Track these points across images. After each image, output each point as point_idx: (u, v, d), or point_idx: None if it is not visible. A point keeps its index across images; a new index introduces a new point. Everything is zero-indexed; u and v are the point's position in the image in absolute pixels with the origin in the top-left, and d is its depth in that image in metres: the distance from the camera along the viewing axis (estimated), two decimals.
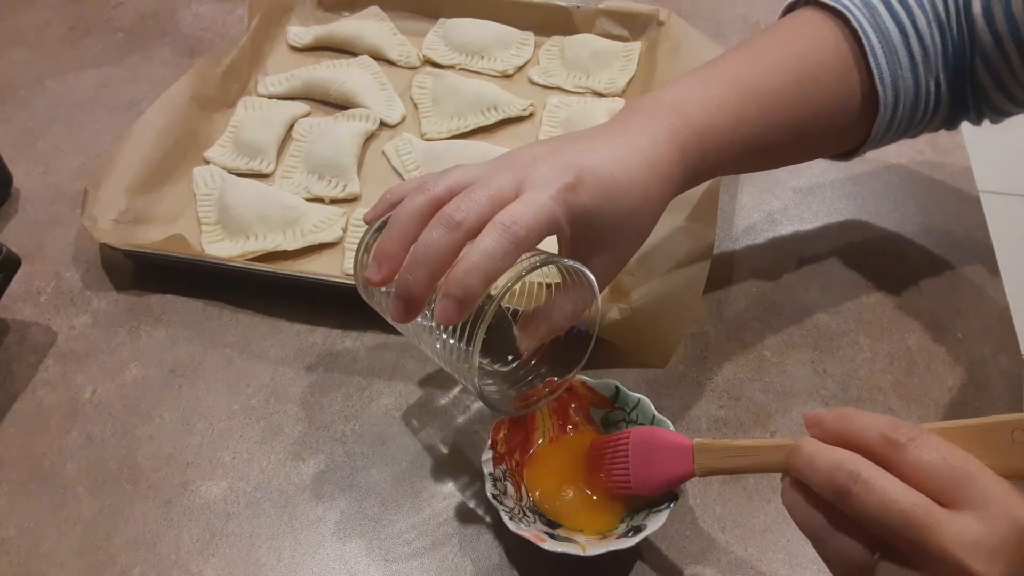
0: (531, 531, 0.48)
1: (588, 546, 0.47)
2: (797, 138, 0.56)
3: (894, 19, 0.55)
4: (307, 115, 0.79)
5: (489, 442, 0.51)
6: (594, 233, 0.46)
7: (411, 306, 0.44)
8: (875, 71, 0.54)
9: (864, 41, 0.54)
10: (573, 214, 0.44)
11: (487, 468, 0.50)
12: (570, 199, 0.44)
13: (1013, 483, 0.34)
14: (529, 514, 0.50)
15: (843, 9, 0.55)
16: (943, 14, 0.55)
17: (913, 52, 0.55)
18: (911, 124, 0.58)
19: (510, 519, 0.48)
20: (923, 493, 0.33)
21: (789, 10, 0.60)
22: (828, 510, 0.36)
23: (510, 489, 0.51)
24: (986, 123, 0.60)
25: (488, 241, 0.41)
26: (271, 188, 0.72)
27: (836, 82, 0.55)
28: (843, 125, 0.57)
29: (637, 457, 0.49)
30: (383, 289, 0.49)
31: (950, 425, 0.36)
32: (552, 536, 0.48)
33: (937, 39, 0.55)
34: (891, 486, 0.34)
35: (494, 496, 0.49)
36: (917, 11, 0.55)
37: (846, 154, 0.61)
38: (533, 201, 0.43)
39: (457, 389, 0.60)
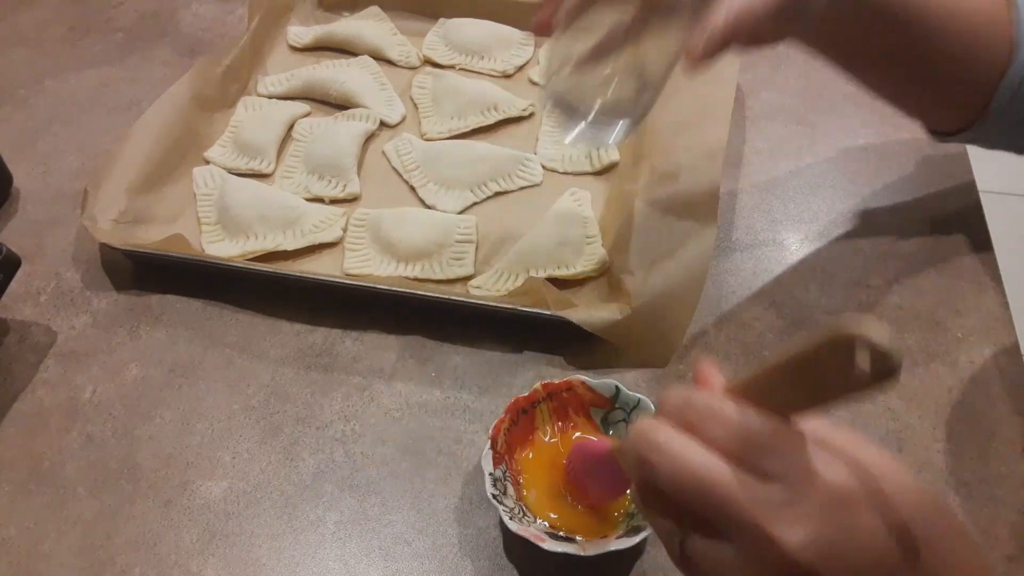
0: (531, 531, 0.48)
1: (588, 546, 0.47)
2: (924, 51, 0.54)
3: None
4: (307, 115, 0.79)
5: (489, 442, 0.51)
6: None
7: None
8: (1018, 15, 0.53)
9: None
10: None
11: (487, 468, 0.50)
12: None
13: (821, 441, 0.32)
14: (529, 514, 0.50)
15: None
16: None
17: None
18: None
19: (510, 519, 0.48)
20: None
21: None
22: (644, 486, 0.35)
23: (510, 489, 0.51)
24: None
25: None
26: (271, 188, 0.72)
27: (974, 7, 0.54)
28: (972, 55, 0.55)
29: (582, 470, 0.49)
30: None
31: (753, 376, 0.33)
32: (552, 536, 0.48)
33: None
34: (689, 454, 0.32)
35: (494, 496, 0.49)
36: None
37: (953, 133, 0.59)
38: None
39: (457, 389, 0.60)
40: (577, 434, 0.54)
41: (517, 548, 0.51)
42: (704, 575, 0.33)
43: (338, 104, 0.80)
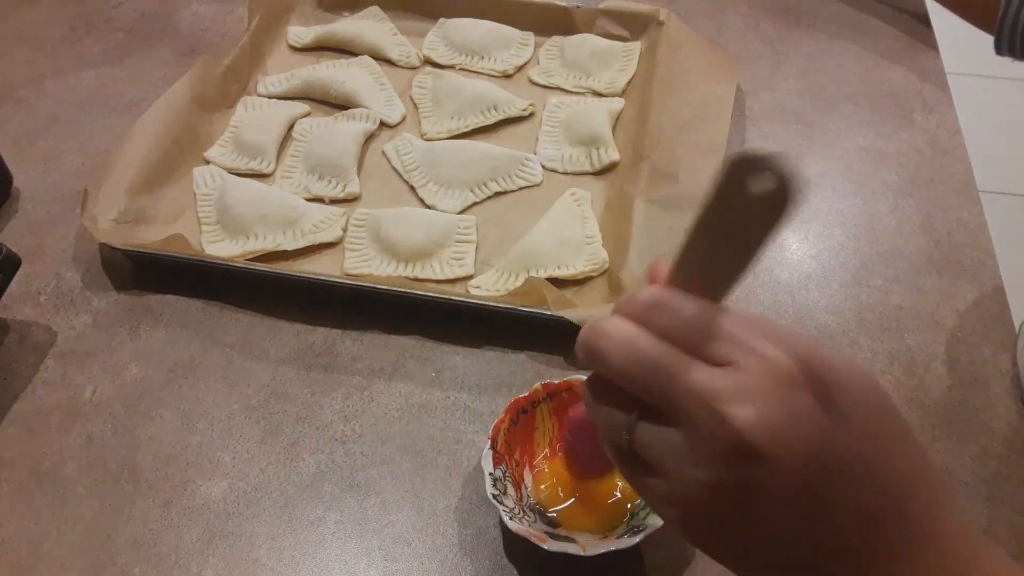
0: (531, 531, 0.48)
1: (588, 546, 0.47)
2: None
3: None
4: (307, 115, 0.79)
5: (489, 442, 0.51)
6: None
7: None
8: None
9: None
10: None
11: (487, 468, 0.50)
12: None
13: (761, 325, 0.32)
14: (529, 514, 0.50)
15: None
16: None
17: None
18: None
19: (510, 519, 0.48)
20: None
21: None
22: (594, 382, 0.35)
23: (510, 489, 0.51)
24: (985, 122, 0.60)
25: None
26: (271, 188, 0.72)
27: None
28: None
29: (574, 438, 0.48)
30: None
31: (682, 253, 0.32)
32: (552, 536, 0.48)
33: None
34: (638, 339, 0.32)
35: (494, 496, 0.49)
36: None
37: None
38: None
39: (457, 389, 0.60)
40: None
41: (517, 548, 0.51)
42: (651, 466, 0.33)
43: (338, 104, 0.80)
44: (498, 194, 0.72)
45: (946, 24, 0.81)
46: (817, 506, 0.31)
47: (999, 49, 0.75)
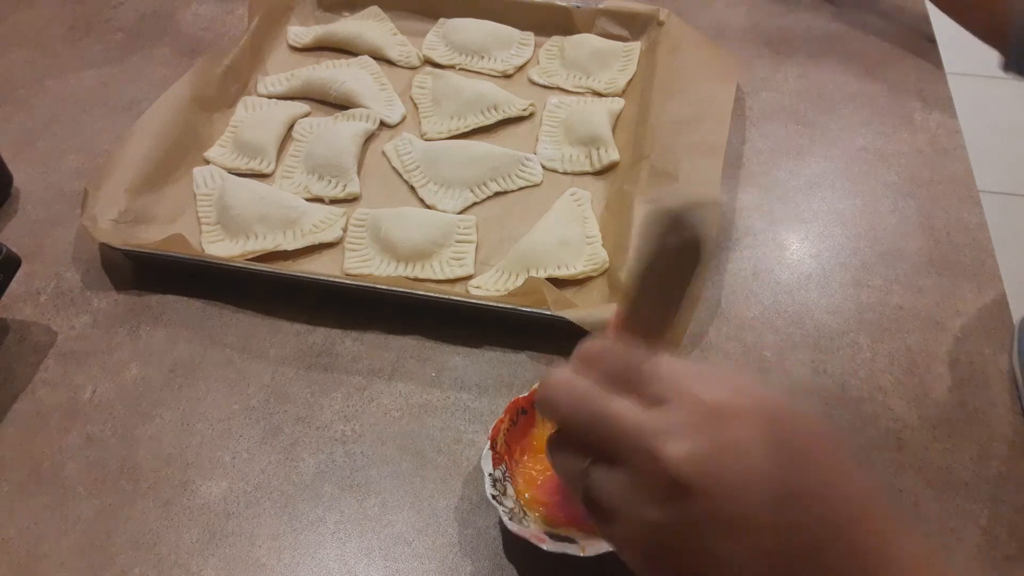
0: (531, 531, 0.48)
1: (587, 546, 0.47)
2: None
3: None
4: (307, 115, 0.79)
5: (488, 442, 0.51)
6: None
7: None
8: None
9: None
10: None
11: (487, 468, 0.50)
12: None
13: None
14: (529, 514, 0.50)
15: None
16: None
17: None
18: None
19: (510, 519, 0.48)
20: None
21: None
22: (552, 436, 0.37)
23: (510, 489, 0.51)
24: (985, 122, 0.60)
25: None
26: (271, 188, 0.72)
27: None
28: None
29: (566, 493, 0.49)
30: None
31: (627, 298, 0.35)
32: (551, 536, 0.48)
33: None
34: (581, 389, 0.34)
35: (494, 496, 0.49)
36: None
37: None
38: None
39: (457, 389, 0.60)
40: None
41: (517, 548, 0.51)
42: (605, 508, 0.34)
43: (338, 104, 0.80)
44: (498, 194, 0.72)
45: (946, 24, 0.81)
46: (761, 536, 0.31)
47: (1007, 66, 0.72)
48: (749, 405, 0.32)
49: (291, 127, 0.78)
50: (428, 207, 0.71)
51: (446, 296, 0.62)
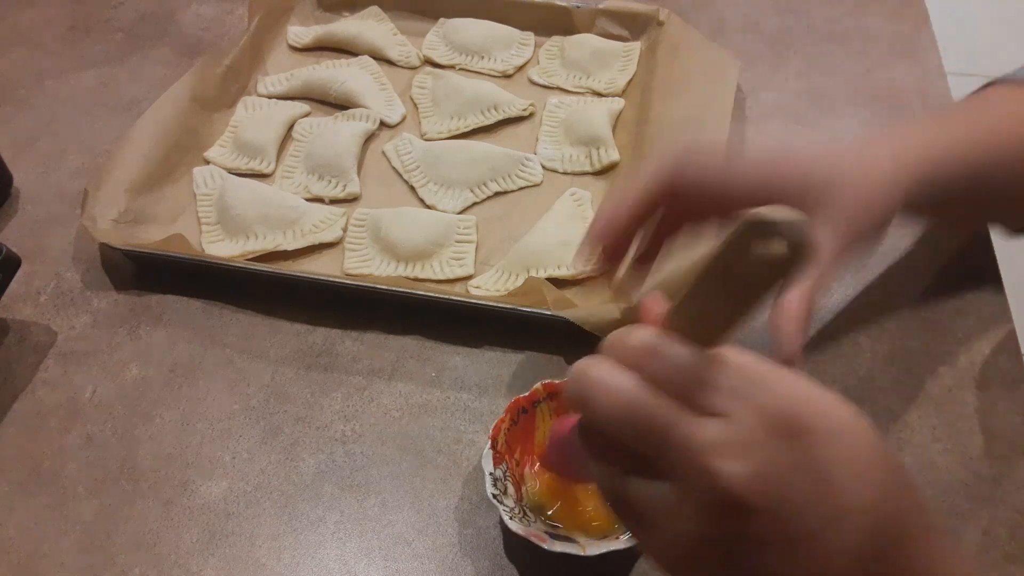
0: (532, 531, 0.48)
1: (588, 546, 0.47)
2: None
3: None
4: (307, 115, 0.79)
5: (489, 441, 0.51)
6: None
7: None
8: None
9: None
10: None
11: (487, 467, 0.50)
12: None
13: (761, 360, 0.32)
14: (530, 514, 0.50)
15: None
16: None
17: None
18: None
19: (511, 519, 0.48)
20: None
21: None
22: (586, 427, 0.34)
23: (510, 489, 0.51)
24: None
25: None
26: (271, 188, 0.72)
27: None
28: None
29: (565, 447, 0.48)
30: None
31: (683, 298, 0.31)
32: (552, 536, 0.48)
33: None
34: (627, 387, 0.31)
35: (494, 496, 0.49)
36: None
37: None
38: None
39: (457, 389, 0.60)
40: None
41: (518, 548, 0.51)
42: (644, 520, 0.32)
43: (338, 104, 0.80)
44: (498, 194, 0.72)
45: (946, 24, 0.81)
46: (812, 556, 0.30)
47: None
48: (810, 423, 0.30)
49: (291, 127, 0.78)
50: (428, 207, 0.71)
51: (446, 296, 0.62)
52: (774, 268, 0.27)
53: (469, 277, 0.66)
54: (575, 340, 0.60)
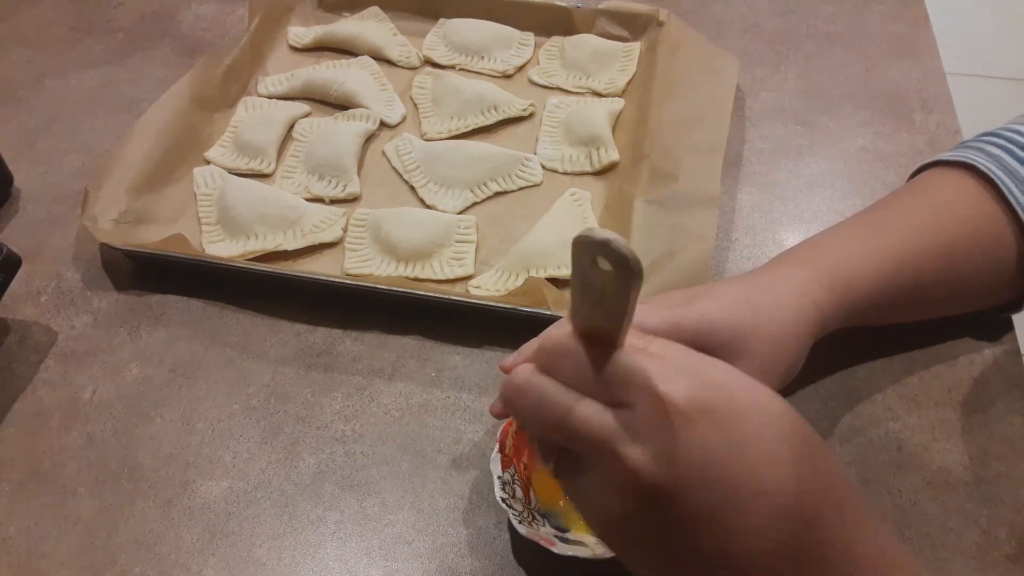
0: (541, 534, 0.48)
1: (597, 548, 0.47)
2: (948, 296, 0.56)
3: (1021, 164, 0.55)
4: (307, 115, 0.79)
5: (497, 445, 0.51)
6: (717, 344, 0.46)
7: None
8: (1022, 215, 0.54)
9: (1004, 190, 0.54)
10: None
11: (496, 471, 0.50)
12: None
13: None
14: (539, 517, 0.50)
15: (972, 162, 0.56)
16: None
17: None
18: None
19: (520, 523, 0.48)
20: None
21: (915, 175, 0.61)
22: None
23: (518, 492, 0.51)
24: (985, 122, 0.60)
25: None
26: (271, 188, 0.72)
27: (986, 235, 0.55)
28: (998, 280, 0.57)
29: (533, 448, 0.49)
30: None
31: (572, 305, 0.34)
32: (561, 539, 0.48)
33: None
34: (545, 391, 0.34)
35: (503, 500, 0.49)
36: None
37: (1006, 307, 0.60)
38: None
39: (457, 389, 0.60)
40: None
41: (526, 551, 0.51)
42: (584, 507, 0.35)
43: (338, 104, 0.80)
44: (498, 194, 0.72)
45: (946, 24, 0.81)
46: (722, 532, 0.32)
47: None
48: (715, 402, 0.32)
49: (291, 127, 0.78)
50: (428, 207, 0.71)
51: (446, 296, 0.62)
52: (613, 279, 0.30)
53: (469, 277, 0.66)
54: None
